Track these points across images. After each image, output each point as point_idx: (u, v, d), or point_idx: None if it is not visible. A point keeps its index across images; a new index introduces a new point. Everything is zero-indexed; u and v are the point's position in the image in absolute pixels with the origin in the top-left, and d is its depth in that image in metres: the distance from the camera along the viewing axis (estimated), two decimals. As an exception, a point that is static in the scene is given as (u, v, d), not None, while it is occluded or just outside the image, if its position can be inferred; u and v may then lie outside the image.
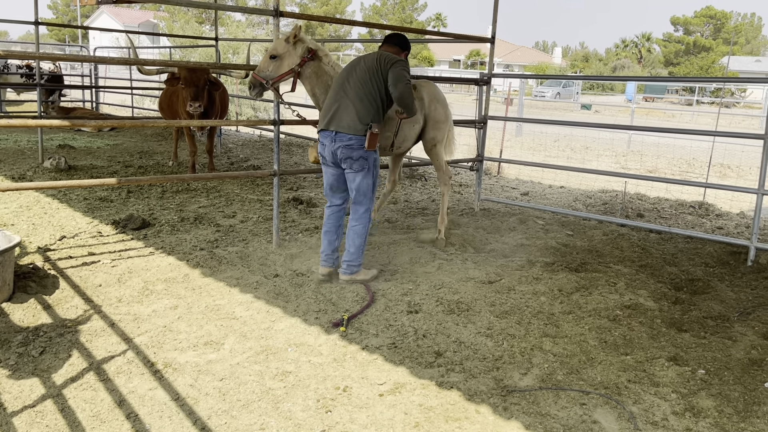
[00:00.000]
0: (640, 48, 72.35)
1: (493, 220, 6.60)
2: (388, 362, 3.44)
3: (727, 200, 8.45)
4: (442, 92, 5.70)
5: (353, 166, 4.41)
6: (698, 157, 13.13)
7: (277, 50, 4.71)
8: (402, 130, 5.17)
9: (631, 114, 18.17)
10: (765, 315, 4.20)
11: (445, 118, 5.53)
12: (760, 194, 5.41)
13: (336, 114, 4.41)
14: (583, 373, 3.38)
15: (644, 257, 5.49)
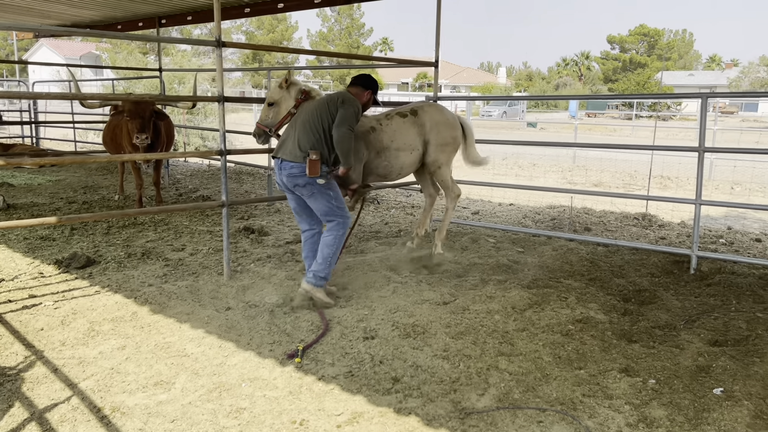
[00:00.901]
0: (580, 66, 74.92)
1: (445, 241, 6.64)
2: (345, 392, 3.39)
3: (668, 210, 8.76)
4: (450, 114, 5.80)
5: (303, 192, 4.53)
6: (639, 170, 13.59)
7: (273, 98, 5.02)
8: (398, 159, 5.36)
9: (575, 130, 18.72)
10: (709, 321, 4.34)
11: (451, 140, 5.65)
12: (697, 204, 5.62)
13: (284, 143, 4.58)
14: (539, 390, 3.41)
15: (593, 270, 5.61)
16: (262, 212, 7.95)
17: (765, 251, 6.67)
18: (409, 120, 5.47)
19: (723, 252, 6.48)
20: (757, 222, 8.91)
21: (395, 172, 5.44)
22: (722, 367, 3.60)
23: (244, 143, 15.78)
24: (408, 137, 5.41)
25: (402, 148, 5.36)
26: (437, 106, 5.76)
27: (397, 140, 5.35)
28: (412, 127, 5.44)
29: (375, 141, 5.25)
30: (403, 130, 5.39)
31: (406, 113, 5.53)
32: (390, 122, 5.41)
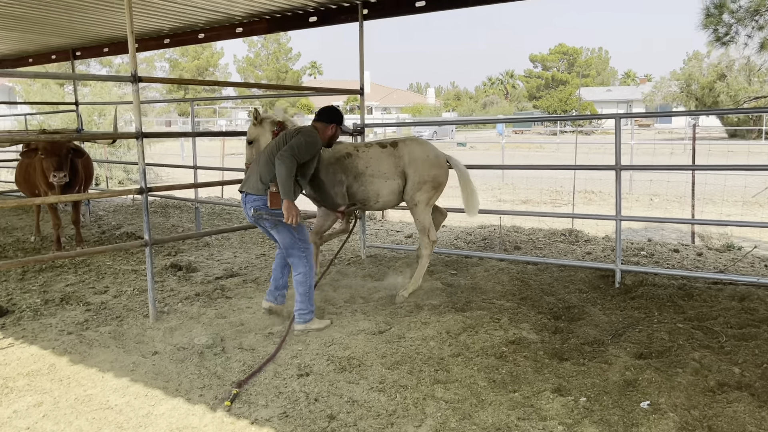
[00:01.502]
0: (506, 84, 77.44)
1: (380, 267, 6.64)
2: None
3: (593, 225, 9.08)
4: (433, 151, 5.56)
5: (266, 225, 4.66)
6: (565, 186, 14.06)
7: (251, 135, 5.27)
8: (372, 185, 5.42)
9: (502, 149, 19.22)
10: (634, 335, 4.48)
11: (430, 179, 5.43)
12: (618, 220, 5.85)
13: (249, 177, 4.72)
14: (475, 416, 3.42)
15: (524, 290, 5.72)
16: (190, 247, 7.72)
17: (682, 261, 6.99)
18: (387, 150, 5.52)
19: (645, 264, 6.75)
20: (675, 232, 9.36)
21: (372, 198, 5.53)
22: (648, 380, 3.71)
23: (171, 174, 15.39)
24: (383, 165, 5.45)
25: (376, 174, 5.44)
26: (420, 142, 5.66)
27: (371, 167, 5.45)
28: (389, 157, 5.48)
29: (351, 166, 5.43)
30: (378, 158, 5.48)
31: (387, 144, 5.60)
32: (367, 150, 5.56)
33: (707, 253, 7.48)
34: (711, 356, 3.99)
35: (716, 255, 7.37)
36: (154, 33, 8.84)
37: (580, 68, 67.55)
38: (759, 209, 12.02)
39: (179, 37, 8.87)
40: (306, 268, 4.71)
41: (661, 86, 44.35)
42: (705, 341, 4.29)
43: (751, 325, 4.57)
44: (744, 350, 4.08)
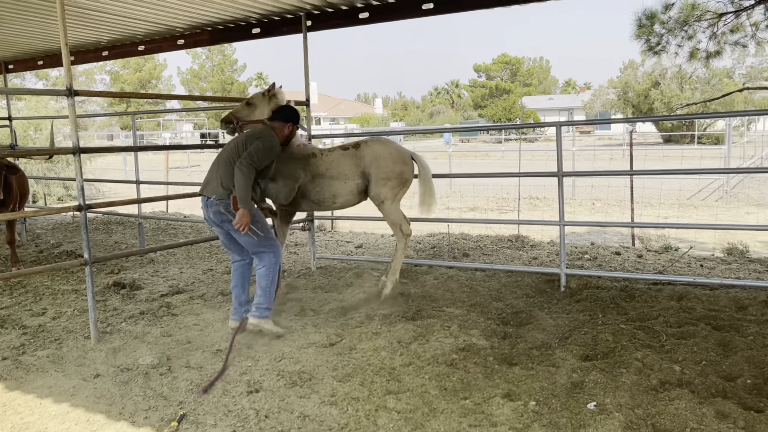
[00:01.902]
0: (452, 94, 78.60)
1: (330, 278, 6.61)
2: (230, 453, 3.22)
3: (539, 230, 9.28)
4: (396, 148, 5.70)
5: (230, 228, 4.68)
6: (511, 192, 14.34)
7: (254, 99, 5.32)
8: (331, 186, 5.53)
9: (449, 157, 19.48)
10: (580, 337, 4.59)
11: (395, 175, 5.57)
12: (561, 225, 5.99)
13: (209, 181, 4.76)
14: (427, 426, 3.42)
15: (473, 296, 5.78)
16: (134, 264, 7.50)
17: (624, 263, 7.22)
18: (349, 153, 5.64)
19: (588, 268, 6.94)
20: (616, 235, 9.67)
21: (328, 199, 5.63)
22: (594, 381, 3.80)
23: (114, 189, 14.95)
24: (343, 167, 5.56)
25: (336, 176, 5.54)
26: (383, 141, 5.77)
27: (332, 169, 5.55)
28: (351, 158, 5.59)
29: (312, 166, 5.53)
30: (339, 160, 5.59)
31: (349, 147, 5.73)
32: (330, 153, 5.67)
33: (647, 254, 7.74)
34: (653, 355, 4.12)
35: (655, 256, 7.64)
36: (91, 45, 8.59)
37: (523, 77, 69.25)
38: (693, 211, 12.55)
39: (118, 49, 8.65)
40: (271, 262, 4.79)
41: (600, 94, 45.91)
42: (647, 341, 4.43)
43: (689, 324, 4.74)
44: (683, 348, 4.23)
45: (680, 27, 6.32)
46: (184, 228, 10.39)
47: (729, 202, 13.68)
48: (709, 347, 4.22)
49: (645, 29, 6.37)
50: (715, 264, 7.14)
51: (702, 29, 6.36)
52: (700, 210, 12.69)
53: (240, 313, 4.97)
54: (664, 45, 6.49)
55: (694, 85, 35.30)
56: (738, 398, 3.52)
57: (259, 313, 4.79)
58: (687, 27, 6.36)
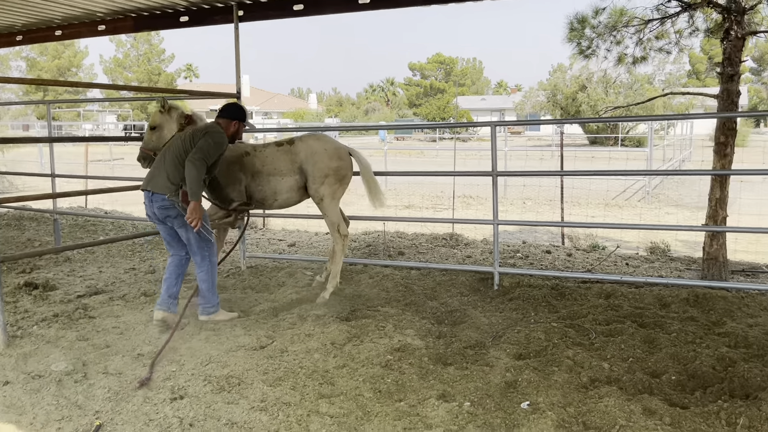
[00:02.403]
0: (387, 92, 78.93)
1: (261, 278, 6.41)
2: (150, 466, 3.02)
3: (472, 229, 9.36)
4: (332, 143, 5.62)
5: (174, 223, 4.75)
6: (446, 191, 14.47)
7: (155, 122, 5.17)
8: (269, 183, 5.45)
9: (385, 155, 19.47)
10: (513, 336, 4.60)
11: (332, 171, 5.47)
12: (495, 224, 6.03)
13: (154, 176, 4.75)
14: (361, 430, 3.33)
15: (408, 295, 5.72)
16: (48, 262, 7.02)
17: (554, 262, 7.36)
18: (284, 148, 5.56)
19: (521, 266, 7.03)
20: (547, 233, 9.88)
21: (270, 197, 5.57)
22: (527, 380, 3.81)
23: (29, 182, 14.10)
24: (279, 163, 5.49)
25: (273, 173, 5.47)
26: (318, 137, 5.70)
27: (267, 165, 5.48)
28: (286, 154, 5.52)
29: (249, 165, 5.45)
30: (274, 157, 5.51)
31: (283, 142, 5.64)
32: (264, 149, 5.60)
33: (576, 253, 7.94)
34: (583, 353, 4.18)
35: (584, 255, 7.84)
36: (4, 29, 8.02)
37: (456, 77, 70.27)
38: (619, 210, 13.03)
39: (34, 33, 8.10)
40: (209, 266, 4.91)
41: (530, 96, 47.15)
42: (577, 339, 4.49)
43: (617, 321, 4.85)
44: (612, 346, 4.31)
45: (609, 32, 6.50)
46: (105, 225, 9.87)
47: (651, 203, 14.28)
48: (636, 344, 4.32)
49: (576, 33, 6.51)
50: (639, 263, 7.39)
51: (629, 35, 6.56)
52: (625, 210, 13.18)
53: (167, 305, 4.89)
54: (594, 49, 6.66)
55: (618, 89, 36.78)
56: (664, 394, 3.61)
57: (207, 311, 4.96)
58: (615, 32, 6.54)
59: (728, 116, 6.08)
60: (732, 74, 5.88)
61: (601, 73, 33.28)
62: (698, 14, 6.20)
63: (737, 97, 5.99)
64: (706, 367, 3.89)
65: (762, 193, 13.78)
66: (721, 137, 6.05)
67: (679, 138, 25.30)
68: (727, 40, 5.81)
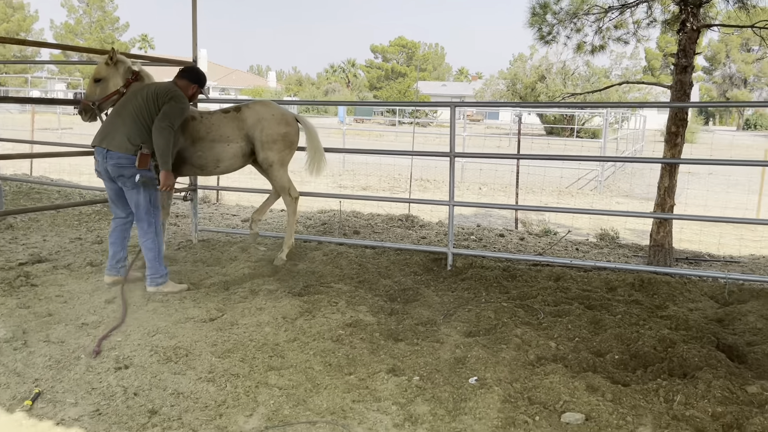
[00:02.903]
0: (347, 73, 78.32)
1: (213, 252, 6.30)
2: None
3: (428, 211, 9.41)
4: (279, 110, 5.64)
5: (126, 184, 4.67)
6: (403, 173, 14.49)
7: (100, 73, 4.98)
8: (212, 149, 5.34)
9: (343, 135, 19.36)
10: (464, 314, 4.66)
11: (280, 137, 5.50)
12: (451, 206, 6.07)
13: (109, 133, 4.64)
14: (310, 402, 3.32)
15: (362, 273, 5.72)
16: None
17: (507, 245, 7.47)
18: (230, 115, 5.53)
19: (474, 248, 7.11)
20: (501, 218, 10.02)
21: (211, 164, 5.47)
22: (476, 357, 3.85)
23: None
24: (225, 130, 5.43)
25: (217, 139, 5.38)
26: (265, 103, 5.73)
27: (213, 132, 5.38)
28: (232, 121, 5.48)
29: (192, 130, 5.31)
30: (221, 123, 5.45)
31: (230, 110, 5.61)
32: (210, 116, 5.52)
33: (528, 237, 8.07)
34: (531, 332, 4.25)
35: (536, 239, 7.98)
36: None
37: (418, 62, 70.23)
38: (571, 198, 13.30)
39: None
40: (154, 234, 4.84)
41: (491, 84, 47.53)
42: (526, 318, 4.58)
43: (565, 302, 4.96)
44: (559, 326, 4.41)
45: (570, 19, 6.57)
46: (50, 193, 9.51)
47: (602, 192, 14.64)
48: (582, 325, 4.43)
49: (538, 18, 6.56)
50: (589, 248, 7.57)
51: (589, 23, 6.65)
52: (577, 198, 13.47)
53: (116, 269, 4.97)
54: (554, 35, 6.73)
55: (576, 81, 37.46)
56: (607, 372, 3.71)
57: (155, 282, 4.85)
58: (576, 19, 6.62)
59: (681, 106, 6.24)
60: (686, 65, 6.04)
61: (560, 64, 33.80)
62: (657, 5, 6.33)
63: (690, 88, 6.16)
64: (648, 347, 4.01)
65: (708, 185, 14.30)
66: (672, 127, 6.22)
67: (632, 131, 25.95)
68: (683, 31, 5.95)
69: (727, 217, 7.35)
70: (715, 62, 62.10)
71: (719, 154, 18.85)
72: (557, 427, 3.07)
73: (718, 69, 62.64)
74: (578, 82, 37.39)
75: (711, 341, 4.12)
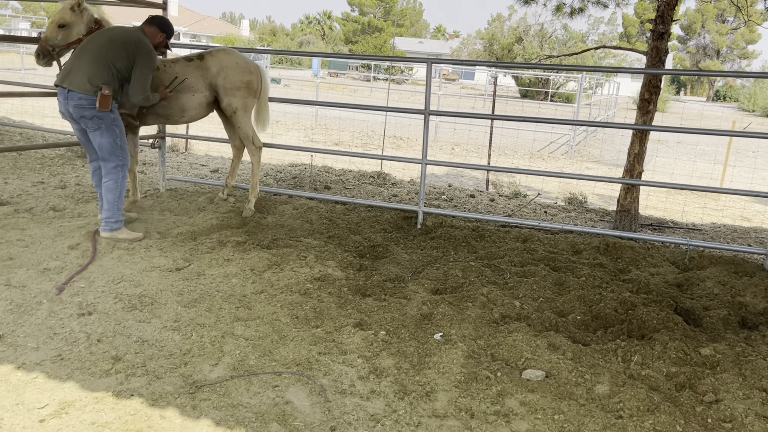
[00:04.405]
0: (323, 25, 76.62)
1: (180, 201, 6.20)
2: (52, 379, 2.92)
3: (400, 169, 9.39)
4: (242, 58, 5.65)
5: (88, 125, 4.60)
6: (376, 130, 14.38)
7: (64, 19, 4.84)
8: (178, 98, 5.33)
9: (317, 89, 19.05)
10: (432, 272, 4.70)
11: (243, 84, 5.53)
12: (423, 164, 6.05)
13: (71, 73, 4.56)
14: (276, 353, 3.33)
15: (332, 228, 5.70)
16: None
17: (477, 206, 7.52)
18: (194, 64, 5.49)
19: (444, 207, 7.14)
20: (472, 180, 10.05)
21: (176, 113, 5.48)
22: (442, 314, 3.90)
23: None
24: (189, 77, 5.40)
25: (181, 89, 5.35)
26: (228, 51, 5.73)
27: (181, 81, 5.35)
28: (196, 70, 5.46)
29: (156, 81, 5.23)
30: (185, 73, 5.41)
31: (193, 58, 5.56)
32: (174, 65, 5.44)
33: (498, 199, 8.13)
34: (497, 291, 4.31)
35: (506, 201, 8.05)
36: None
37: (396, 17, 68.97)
38: (542, 162, 13.40)
39: None
40: (120, 176, 4.76)
41: (468, 43, 47.08)
42: (493, 278, 4.64)
43: (531, 264, 5.03)
44: (524, 286, 4.48)
45: (551, -21, 6.48)
46: (12, 134, 9.21)
47: (573, 158, 14.77)
48: (547, 286, 4.50)
49: (519, -23, 6.46)
50: (557, 211, 7.67)
51: (570, -16, 6.58)
52: (549, 162, 13.58)
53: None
54: (535, -5, 6.65)
55: (553, 45, 37.35)
56: (568, 332, 3.80)
57: (109, 226, 4.75)
58: (557, -21, 6.53)
59: (656, 72, 6.27)
60: (663, 32, 6.05)
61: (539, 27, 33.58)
62: (638, -32, 6.28)
63: (665, 55, 6.18)
64: (609, 309, 4.12)
65: (676, 154, 14.53)
66: (645, 94, 6.26)
67: (605, 97, 26.09)
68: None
69: (692, 185, 7.49)
70: (691, 32, 62.43)
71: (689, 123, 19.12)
72: (518, 383, 3.15)
73: (693, 39, 63.04)
74: (555, 46, 37.28)
75: (670, 305, 4.24)
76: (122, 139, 4.77)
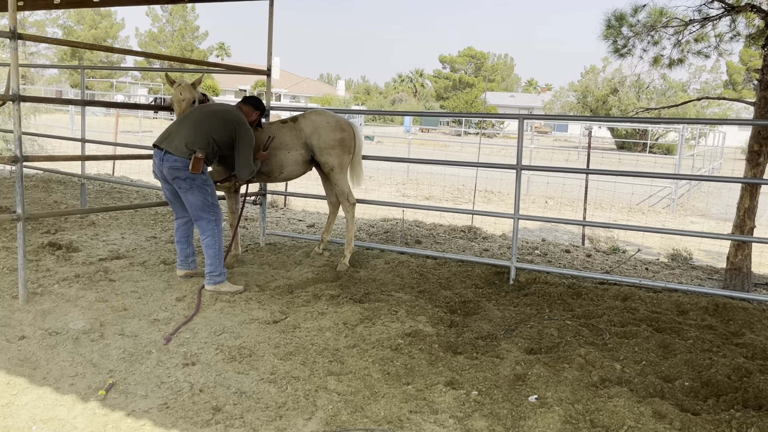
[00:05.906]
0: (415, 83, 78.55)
1: (279, 255, 6.45)
2: (159, 426, 3.08)
3: (491, 223, 9.32)
4: (334, 117, 5.97)
5: (181, 186, 4.87)
6: (467, 184, 14.40)
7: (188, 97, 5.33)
8: (275, 157, 5.73)
9: (409, 145, 19.44)
10: (526, 330, 4.58)
11: (336, 143, 5.82)
12: (516, 219, 5.99)
13: (170, 136, 4.91)
14: (368, 409, 3.34)
15: (422, 283, 5.72)
16: (73, 225, 7.15)
17: (573, 261, 7.30)
18: (288, 125, 5.89)
19: (538, 263, 6.98)
20: (567, 234, 9.79)
21: (276, 170, 5.83)
22: (537, 375, 3.78)
23: (58, 147, 14.30)
24: (284, 138, 5.79)
25: (278, 147, 5.73)
26: (320, 111, 6.08)
27: (274, 141, 5.71)
28: (290, 131, 5.84)
29: (257, 141, 5.60)
30: (280, 132, 5.81)
31: (287, 120, 5.98)
32: (270, 126, 5.92)
33: (595, 254, 7.86)
34: (595, 352, 4.14)
35: (603, 257, 7.76)
36: (42, -9, 8.11)
37: (487, 72, 69.67)
38: (642, 216, 12.86)
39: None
40: (215, 231, 5.01)
41: (560, 96, 46.62)
42: (590, 338, 4.46)
43: (632, 324, 4.80)
44: (625, 347, 4.27)
45: (647, 31, 6.37)
46: (130, 193, 10.01)
47: (676, 211, 14.08)
48: (650, 348, 4.27)
49: (613, 30, 6.40)
50: (659, 268, 7.30)
51: (668, 36, 6.43)
52: (648, 216, 13.01)
53: (187, 264, 5.32)
54: (630, 48, 6.54)
55: (651, 95, 36.25)
56: (675, 399, 3.57)
57: (213, 280, 5.01)
58: (654, 32, 6.42)
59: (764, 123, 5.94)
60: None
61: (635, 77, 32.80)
62: (740, 18, 6.06)
63: (775, 105, 5.86)
64: (721, 375, 3.83)
65: (791, 209, 13.51)
66: (755, 146, 5.93)
67: (709, 148, 24.85)
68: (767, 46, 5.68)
69: (812, 242, 6.90)
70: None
71: (806, 174, 17.81)
72: (620, 452, 2.97)
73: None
74: (653, 96, 36.13)
75: (790, 373, 3.89)
76: (213, 197, 5.04)
